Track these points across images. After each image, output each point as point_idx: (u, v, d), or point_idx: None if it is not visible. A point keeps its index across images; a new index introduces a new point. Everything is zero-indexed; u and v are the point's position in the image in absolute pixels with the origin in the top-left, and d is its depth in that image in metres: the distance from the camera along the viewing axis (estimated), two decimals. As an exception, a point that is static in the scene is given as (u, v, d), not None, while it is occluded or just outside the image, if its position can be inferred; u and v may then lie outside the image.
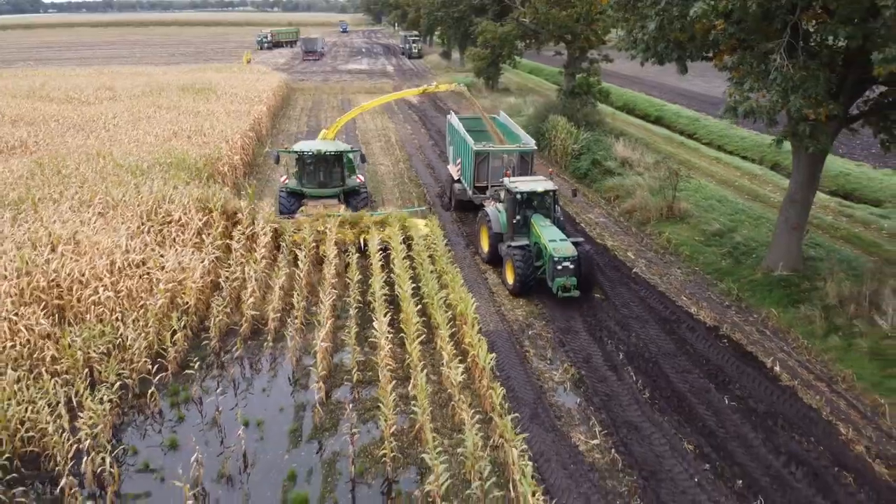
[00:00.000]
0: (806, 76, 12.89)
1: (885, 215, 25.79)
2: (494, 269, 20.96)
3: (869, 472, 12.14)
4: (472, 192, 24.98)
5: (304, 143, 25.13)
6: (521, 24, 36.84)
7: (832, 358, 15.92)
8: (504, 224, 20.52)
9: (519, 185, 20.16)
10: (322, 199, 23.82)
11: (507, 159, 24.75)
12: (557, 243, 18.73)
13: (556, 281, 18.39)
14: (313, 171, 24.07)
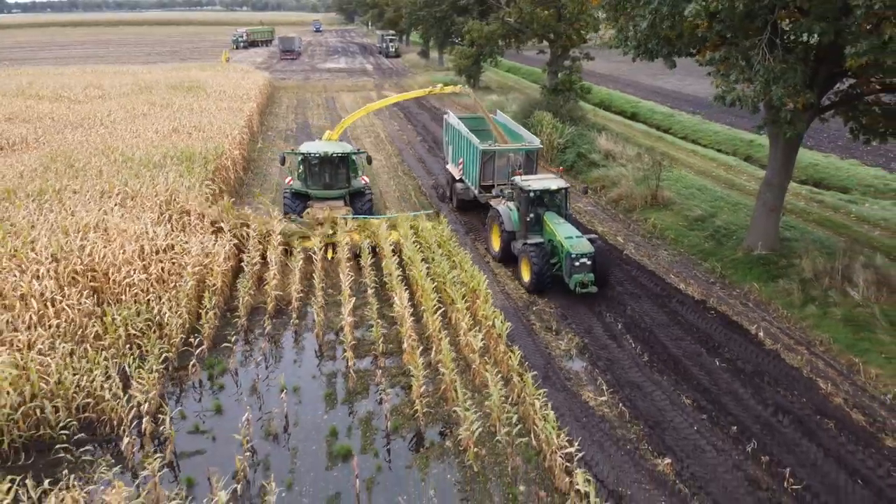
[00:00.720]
0: (786, 68, 14.47)
1: (852, 201, 27.75)
2: (494, 259, 22.21)
3: (848, 420, 13.72)
4: (477, 191, 25.08)
5: (310, 145, 25.10)
6: (507, 23, 38.24)
7: (810, 325, 17.58)
8: (516, 222, 20.71)
9: (532, 183, 20.28)
10: (328, 201, 23.79)
11: (513, 158, 24.85)
12: (574, 240, 18.92)
13: (574, 277, 18.61)
14: (318, 172, 23.98)
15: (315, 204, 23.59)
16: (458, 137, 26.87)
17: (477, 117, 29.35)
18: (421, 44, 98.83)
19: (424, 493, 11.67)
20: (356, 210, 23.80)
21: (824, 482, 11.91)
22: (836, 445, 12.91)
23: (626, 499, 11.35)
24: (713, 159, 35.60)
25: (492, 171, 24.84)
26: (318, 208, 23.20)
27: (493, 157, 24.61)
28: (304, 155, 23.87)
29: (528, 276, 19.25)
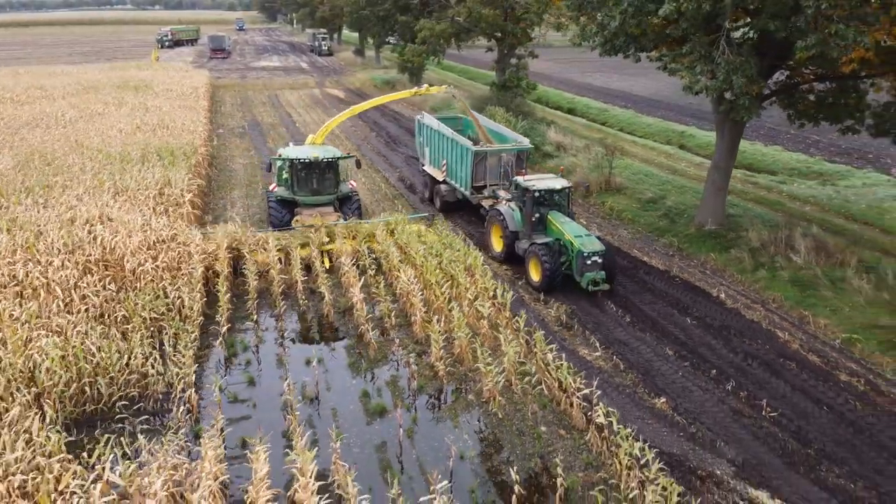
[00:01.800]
0: (743, 61, 16.69)
1: (782, 181, 30.84)
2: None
3: (806, 361, 16.03)
4: (469, 192, 24.59)
5: (294, 149, 24.23)
6: (456, 22, 39.90)
7: (762, 286, 20.00)
8: (520, 222, 20.68)
9: (536, 183, 20.28)
10: (317, 208, 22.92)
11: (505, 158, 24.55)
12: (584, 238, 19.07)
13: (586, 276, 18.73)
14: (305, 178, 22.94)
15: (304, 211, 22.74)
16: (440, 139, 26.44)
17: (452, 117, 29.95)
18: (355, 42, 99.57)
19: (459, 437, 13.17)
20: (346, 215, 23.04)
21: (795, 410, 14.09)
22: (800, 381, 15.16)
23: (635, 430, 13.17)
24: (653, 148, 38.35)
25: (483, 172, 24.47)
26: (307, 215, 22.41)
27: (485, 158, 24.26)
28: (291, 160, 22.74)
29: (539, 276, 19.24)
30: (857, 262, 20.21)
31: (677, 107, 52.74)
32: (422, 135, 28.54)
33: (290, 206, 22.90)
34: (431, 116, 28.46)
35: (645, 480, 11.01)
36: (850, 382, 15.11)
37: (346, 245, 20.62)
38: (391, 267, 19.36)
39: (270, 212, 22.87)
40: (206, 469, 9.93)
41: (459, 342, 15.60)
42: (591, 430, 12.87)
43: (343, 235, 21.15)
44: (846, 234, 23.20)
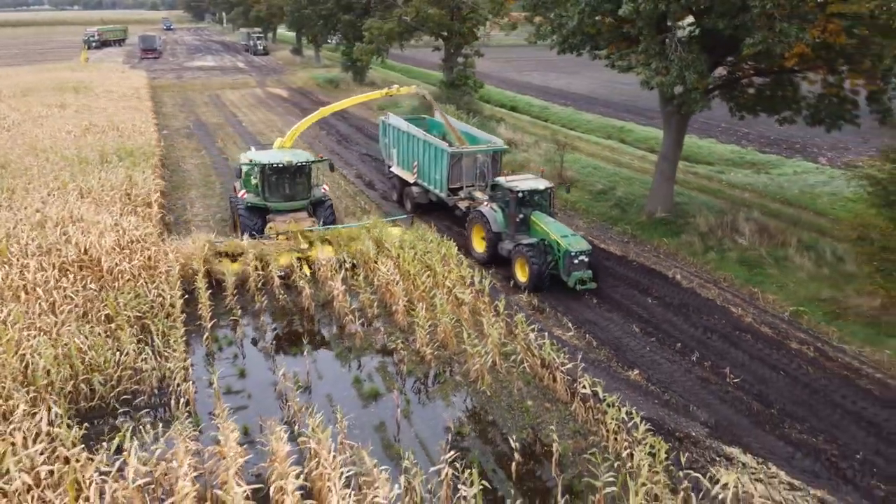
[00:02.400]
0: (695, 58, 18.00)
1: (720, 171, 32.79)
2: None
3: (760, 333, 17.45)
4: (445, 194, 24.44)
5: (263, 154, 23.49)
6: (403, 22, 40.53)
7: (712, 267, 21.47)
8: (503, 223, 20.74)
9: (518, 184, 20.39)
10: (290, 214, 22.14)
11: (481, 159, 24.50)
12: (570, 238, 19.32)
13: (574, 275, 18.95)
14: (277, 183, 22.09)
15: (276, 217, 21.87)
16: (410, 140, 26.26)
17: (416, 118, 30.02)
18: (291, 41, 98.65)
19: (453, 414, 13.90)
20: (320, 220, 22.46)
21: (755, 376, 15.42)
22: (756, 351, 16.54)
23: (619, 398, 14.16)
24: (597, 143, 39.94)
25: (459, 174, 24.36)
26: (280, 222, 21.64)
27: (460, 159, 24.17)
28: (263, 166, 21.74)
29: (526, 277, 19.34)
30: (797, 242, 21.97)
31: (613, 103, 54.82)
32: (387, 136, 28.24)
33: (261, 213, 21.99)
34: (398, 118, 28.23)
35: (633, 441, 12.00)
36: (800, 350, 16.57)
37: (326, 251, 20.30)
38: (367, 259, 19.88)
39: (241, 220, 21.73)
40: (232, 449, 10.33)
41: (443, 327, 16.32)
42: (577, 401, 13.81)
43: (321, 241, 20.82)
44: (784, 218, 25.04)
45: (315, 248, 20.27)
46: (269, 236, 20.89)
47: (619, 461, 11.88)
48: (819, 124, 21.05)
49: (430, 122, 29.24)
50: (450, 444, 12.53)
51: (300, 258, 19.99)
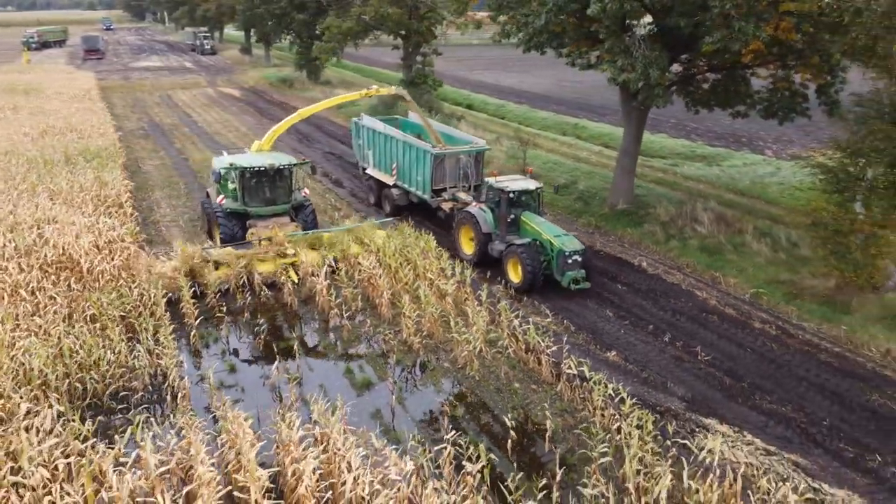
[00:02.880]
0: (657, 55, 18.95)
1: (674, 164, 34.15)
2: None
3: (724, 314, 18.49)
4: (429, 196, 24.16)
5: (241, 157, 22.55)
6: (362, 20, 40.80)
7: (675, 254, 22.53)
8: (492, 224, 20.64)
9: (508, 184, 20.32)
10: (271, 219, 21.43)
11: (464, 160, 24.29)
12: (563, 238, 19.35)
13: (568, 275, 19.01)
14: (257, 187, 21.32)
15: (258, 223, 21.13)
16: (388, 142, 25.94)
17: (388, 119, 29.76)
18: (238, 41, 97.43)
19: (445, 398, 14.44)
20: (303, 225, 21.75)
21: (724, 354, 16.40)
22: (723, 330, 17.56)
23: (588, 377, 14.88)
24: (554, 139, 40.97)
25: (442, 175, 24.12)
26: (262, 227, 20.94)
27: (443, 161, 23.95)
28: (243, 169, 20.85)
29: (519, 277, 19.32)
30: (752, 229, 23.22)
31: (565, 101, 56.10)
32: (361, 137, 27.92)
33: (240, 219, 21.20)
34: (373, 119, 27.91)
35: (621, 415, 12.75)
36: (763, 329, 17.66)
37: (311, 257, 19.84)
38: (346, 254, 20.19)
39: (220, 227, 20.92)
40: (248, 434, 10.64)
41: (429, 317, 16.84)
42: (563, 381, 14.51)
43: (306, 246, 20.39)
44: (739, 207, 26.36)
45: (301, 253, 19.82)
46: (252, 243, 20.40)
47: (609, 433, 12.60)
48: (772, 117, 22.30)
49: (403, 122, 29.21)
50: (447, 424, 13.08)
51: (286, 264, 19.50)
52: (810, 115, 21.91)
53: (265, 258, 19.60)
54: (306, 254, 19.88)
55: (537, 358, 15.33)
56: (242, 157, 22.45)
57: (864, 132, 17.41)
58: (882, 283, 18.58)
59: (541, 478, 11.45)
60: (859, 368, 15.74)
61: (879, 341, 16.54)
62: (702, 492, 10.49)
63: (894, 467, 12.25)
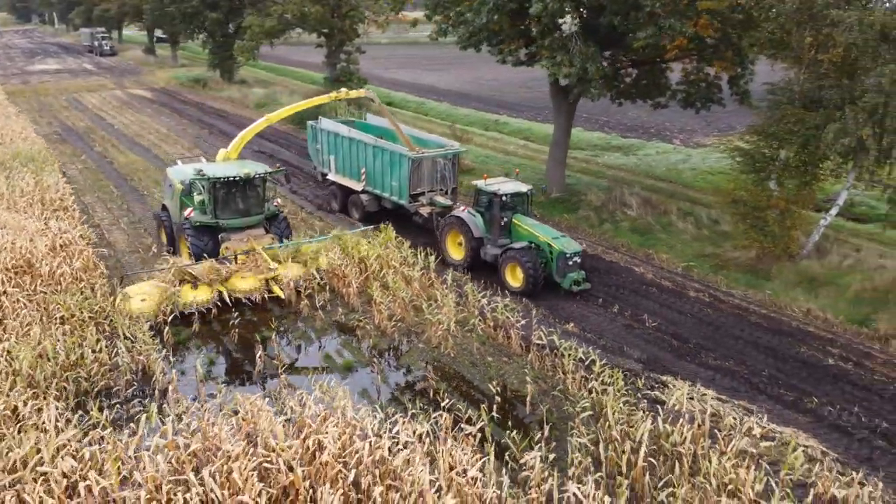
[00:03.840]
0: (594, 52, 20.56)
1: (595, 155, 36.30)
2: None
3: (662, 285, 20.31)
4: (407, 201, 23.41)
5: (210, 167, 20.98)
6: (284, 19, 40.84)
7: (610, 236, 24.32)
8: (484, 228, 20.46)
9: (501, 187, 20.15)
10: (245, 231, 20.26)
11: (441, 163, 23.81)
12: (561, 240, 19.35)
13: (569, 276, 19.05)
14: (228, 198, 20.00)
15: (232, 236, 19.93)
16: (353, 146, 25.10)
17: (346, 121, 29.14)
18: (139, 41, 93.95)
19: (425, 371, 15.34)
20: (278, 237, 20.76)
21: (667, 320, 18.13)
22: (663, 300, 19.33)
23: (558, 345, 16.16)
24: (481, 135, 42.41)
25: (419, 179, 23.53)
26: (237, 241, 19.80)
27: (420, 164, 23.32)
28: (213, 180, 19.41)
29: (520, 281, 19.19)
30: (676, 210, 25.37)
31: (483, 99, 57.76)
32: (319, 142, 26.94)
33: (211, 233, 19.92)
34: (335, 122, 27.05)
35: (592, 376, 14.10)
36: (698, 297, 19.57)
37: (293, 270, 19.14)
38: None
39: (190, 242, 19.65)
40: (267, 411, 11.23)
41: (400, 303, 17.70)
42: (532, 352, 15.76)
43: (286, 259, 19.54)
44: (660, 191, 28.55)
45: (284, 266, 19.03)
46: (227, 258, 19.05)
47: (582, 393, 13.93)
48: (691, 106, 24.44)
49: (359, 124, 28.51)
50: (442, 393, 14.05)
51: (267, 279, 18.60)
52: (724, 104, 24.18)
53: (245, 274, 18.51)
54: (288, 267, 19.11)
55: (506, 333, 16.52)
56: (211, 167, 20.94)
57: (777, 117, 19.56)
58: (797, 252, 20.92)
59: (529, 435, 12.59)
60: (785, 326, 17.84)
61: (800, 302, 18.76)
62: (675, 433, 11.94)
63: (830, 407, 14.17)
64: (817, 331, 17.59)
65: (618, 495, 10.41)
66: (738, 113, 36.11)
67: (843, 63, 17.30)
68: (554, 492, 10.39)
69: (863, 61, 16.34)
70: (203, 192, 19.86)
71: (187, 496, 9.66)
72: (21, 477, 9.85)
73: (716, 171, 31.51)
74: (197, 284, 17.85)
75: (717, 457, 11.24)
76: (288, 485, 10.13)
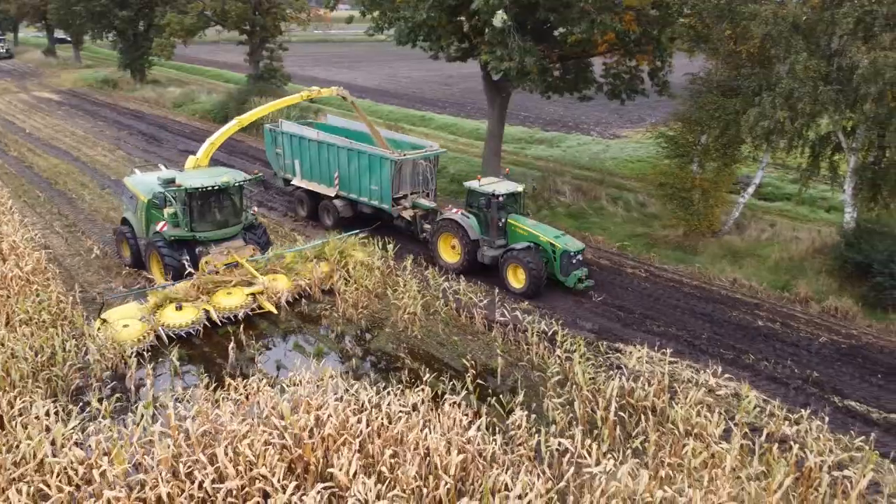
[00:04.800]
0: (532, 46, 21.75)
1: (522, 147, 37.81)
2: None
3: (600, 264, 21.77)
4: (389, 205, 22.77)
5: (180, 175, 19.34)
6: (204, 16, 40.20)
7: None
8: (480, 229, 20.26)
9: (495, 187, 20.02)
10: (224, 243, 19.07)
11: (424, 165, 23.33)
12: (562, 238, 19.42)
13: (574, 275, 19.09)
14: (204, 209, 18.78)
15: (211, 249, 18.76)
16: (324, 150, 24.06)
17: (305, 123, 28.95)
18: (35, 44, 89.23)
19: (397, 352, 16.08)
20: (259, 248, 19.75)
21: (611, 294, 19.57)
22: (604, 277, 20.76)
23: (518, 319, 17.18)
24: (410, 130, 43.09)
25: (405, 182, 23.04)
26: (217, 254, 18.65)
27: (401, 167, 22.70)
28: (188, 190, 18.20)
29: (522, 282, 19.05)
30: (606, 195, 27.05)
31: (403, 95, 58.50)
32: (280, 145, 25.64)
33: (187, 248, 18.69)
34: (299, 125, 26.04)
35: (554, 346, 15.23)
36: (635, 272, 21.16)
37: (280, 281, 18.36)
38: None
39: (165, 259, 18.36)
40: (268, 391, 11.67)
41: (364, 291, 18.30)
42: (496, 329, 16.76)
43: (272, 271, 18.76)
44: (588, 179, 30.22)
45: (274, 278, 18.33)
46: (210, 272, 17.93)
47: (552, 359, 15.04)
48: (617, 97, 26.09)
49: (318, 125, 27.72)
50: (409, 374, 14.80)
51: (255, 294, 17.75)
52: (648, 94, 25.97)
53: (231, 290, 17.56)
54: (274, 279, 18.28)
55: (469, 313, 17.44)
56: (183, 176, 19.23)
57: (699, 104, 21.35)
58: (719, 228, 22.89)
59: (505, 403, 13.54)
60: (716, 295, 19.63)
61: (726, 273, 20.62)
62: (639, 389, 13.21)
63: (765, 362, 15.91)
64: (745, 297, 19.45)
65: (600, 444, 11.50)
66: (647, 106, 38.71)
67: (759, 53, 19.21)
68: (541, 445, 11.36)
69: (776, 51, 18.20)
70: (176, 204, 18.48)
71: (204, 473, 10.03)
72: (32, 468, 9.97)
73: (635, 160, 33.65)
74: (181, 305, 16.65)
75: (678, 407, 12.55)
76: (296, 458, 10.67)
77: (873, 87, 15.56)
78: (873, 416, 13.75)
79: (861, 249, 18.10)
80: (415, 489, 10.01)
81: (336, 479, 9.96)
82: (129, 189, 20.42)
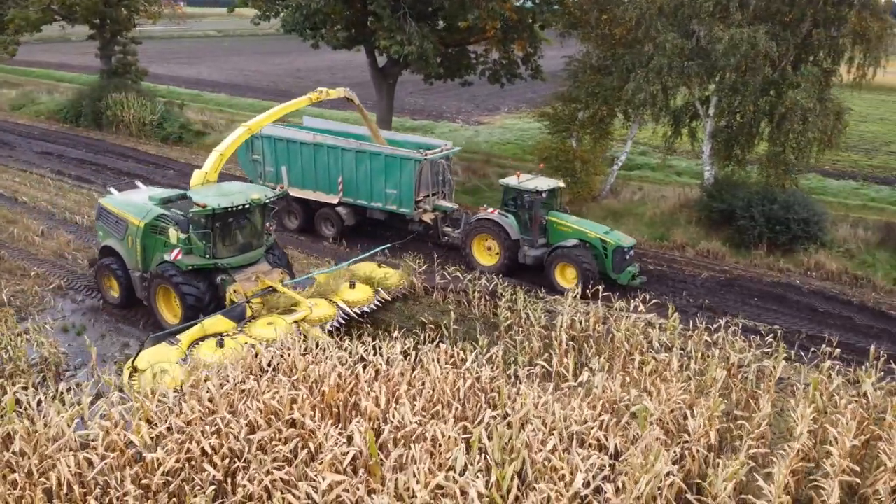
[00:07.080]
0: (429, 31, 23.40)
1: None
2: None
3: (505, 231, 23.94)
4: (411, 209, 21.83)
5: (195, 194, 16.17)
6: (50, 10, 37.70)
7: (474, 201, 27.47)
8: (521, 229, 19.75)
9: (536, 183, 19.43)
10: (249, 268, 16.74)
11: (442, 165, 22.47)
12: (613, 234, 18.99)
13: (628, 271, 18.65)
14: (228, 231, 16.29)
15: (237, 276, 16.38)
16: (322, 153, 22.38)
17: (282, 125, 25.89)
18: None
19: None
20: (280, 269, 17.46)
21: (523, 255, 21.75)
22: (513, 241, 22.91)
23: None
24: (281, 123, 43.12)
25: (426, 183, 22.13)
26: (244, 280, 16.37)
27: (423, 168, 21.72)
28: (215, 211, 15.48)
29: (572, 281, 18.50)
30: (493, 173, 29.36)
31: (258, 89, 57.77)
32: (261, 152, 23.49)
33: (206, 278, 16.21)
34: (287, 127, 24.34)
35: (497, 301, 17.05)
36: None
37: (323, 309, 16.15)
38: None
39: (183, 293, 15.77)
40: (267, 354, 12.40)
41: (302, 265, 19.05)
42: (436, 291, 18.26)
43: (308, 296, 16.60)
44: (472, 160, 32.40)
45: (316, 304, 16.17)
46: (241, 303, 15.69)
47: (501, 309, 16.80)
48: (497, 82, 28.45)
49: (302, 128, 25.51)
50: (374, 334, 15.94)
51: (298, 322, 15.35)
52: (525, 78, 28.55)
53: (271, 320, 15.26)
54: (317, 305, 16.11)
55: (410, 278, 18.75)
56: (199, 194, 16.09)
57: (578, 83, 24.14)
58: (598, 193, 25.93)
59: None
60: (608, 248, 22.42)
61: (611, 230, 23.57)
62: (581, 322, 15.37)
63: (664, 296, 18.65)
64: (633, 248, 22.47)
65: (566, 366, 13.44)
66: (500, 95, 41.80)
67: (630, 35, 22.25)
68: (520, 371, 13.11)
69: (648, 32, 21.24)
70: (192, 229, 15.78)
71: (233, 425, 10.71)
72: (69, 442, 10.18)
73: (505, 142, 36.58)
74: (223, 341, 14.11)
75: (616, 331, 14.83)
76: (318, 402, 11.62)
77: (732, 60, 18.91)
78: (760, 328, 16.96)
79: (724, 199, 21.68)
80: (434, 413, 11.37)
81: (368, 412, 11.07)
82: (112, 212, 17.47)
